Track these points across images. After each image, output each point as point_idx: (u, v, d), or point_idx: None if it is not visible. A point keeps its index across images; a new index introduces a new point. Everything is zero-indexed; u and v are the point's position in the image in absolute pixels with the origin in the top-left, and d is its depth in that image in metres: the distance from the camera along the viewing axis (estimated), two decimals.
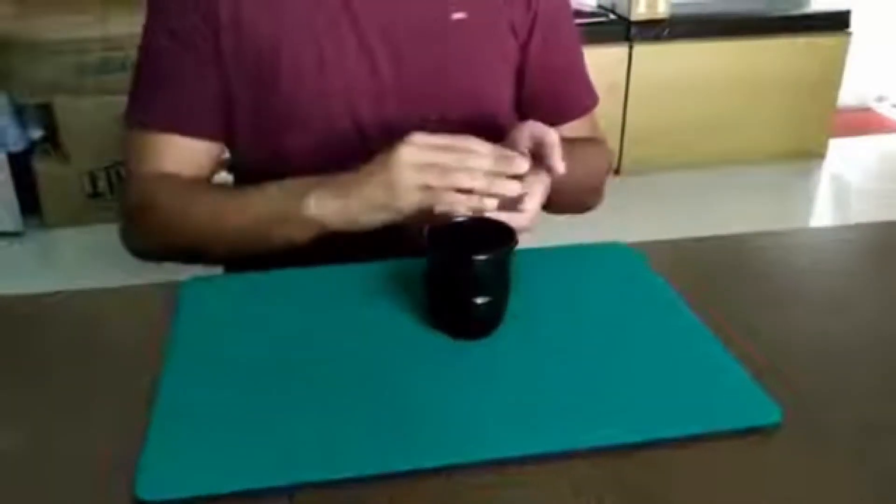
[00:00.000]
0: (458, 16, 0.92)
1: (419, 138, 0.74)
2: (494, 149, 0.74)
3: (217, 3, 0.87)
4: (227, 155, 1.00)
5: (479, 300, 0.68)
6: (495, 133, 0.99)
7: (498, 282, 0.69)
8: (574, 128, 1.03)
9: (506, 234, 0.69)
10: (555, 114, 1.02)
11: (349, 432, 0.59)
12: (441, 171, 0.72)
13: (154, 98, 0.92)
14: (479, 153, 0.73)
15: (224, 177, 1.02)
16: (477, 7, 0.93)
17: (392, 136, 0.92)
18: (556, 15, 0.99)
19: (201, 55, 0.89)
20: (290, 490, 0.54)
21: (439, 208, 0.72)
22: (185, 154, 0.92)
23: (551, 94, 1.01)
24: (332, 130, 0.91)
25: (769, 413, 0.61)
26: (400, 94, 0.91)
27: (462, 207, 0.72)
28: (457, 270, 0.68)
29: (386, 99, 0.91)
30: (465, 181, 0.72)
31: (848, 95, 3.30)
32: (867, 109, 3.72)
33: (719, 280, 0.84)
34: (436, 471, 0.56)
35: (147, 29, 0.92)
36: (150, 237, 0.92)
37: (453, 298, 0.69)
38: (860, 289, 0.82)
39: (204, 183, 0.93)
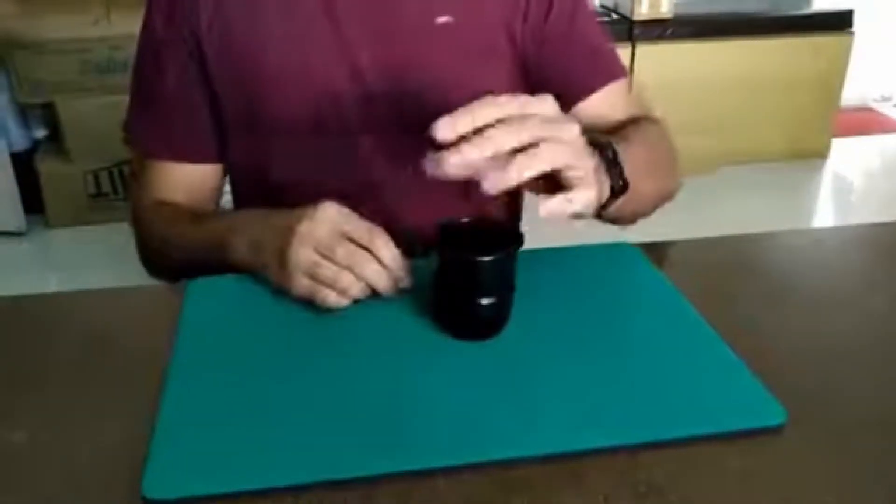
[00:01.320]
0: (442, 19, 0.90)
1: (330, 214, 0.72)
2: (395, 256, 0.72)
3: (198, 14, 0.88)
4: None
5: (484, 301, 0.68)
6: None
7: (502, 283, 0.69)
8: (613, 102, 0.97)
9: (511, 235, 0.69)
10: (582, 85, 0.97)
11: (355, 432, 0.59)
12: (329, 268, 0.70)
13: (148, 123, 0.95)
14: (378, 253, 0.71)
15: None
16: (462, 9, 0.91)
17: (383, 141, 0.92)
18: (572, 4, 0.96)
19: (188, 73, 0.91)
20: (296, 490, 0.54)
21: (317, 300, 0.71)
22: (183, 179, 0.95)
23: (574, 68, 0.97)
24: (321, 135, 0.91)
25: (774, 414, 0.61)
26: (386, 98, 0.90)
27: (334, 304, 0.71)
28: (460, 271, 0.68)
29: (372, 103, 0.90)
30: (347, 283, 0.70)
31: (850, 95, 3.29)
32: (870, 109, 3.72)
33: (722, 280, 0.84)
34: (442, 471, 0.56)
35: (139, 45, 0.94)
36: (150, 262, 0.96)
37: (457, 299, 0.69)
38: (864, 289, 0.82)
39: (187, 214, 0.93)
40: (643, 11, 2.87)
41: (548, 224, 0.65)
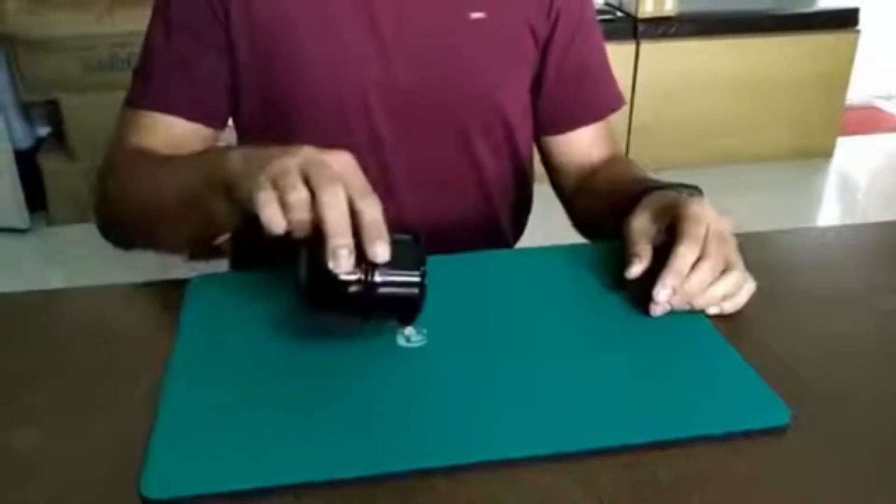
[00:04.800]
0: (476, 15, 0.91)
1: (341, 159, 0.62)
2: (375, 222, 0.59)
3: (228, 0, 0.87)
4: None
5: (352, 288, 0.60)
6: (507, 137, 0.99)
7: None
8: (594, 135, 1.01)
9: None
10: (576, 115, 1.01)
11: (357, 431, 0.58)
12: (291, 180, 0.59)
13: (156, 81, 0.90)
14: (360, 207, 0.59)
15: None
16: (496, 6, 0.92)
17: (405, 134, 0.92)
18: (579, 14, 0.98)
19: (211, 46, 0.89)
20: (297, 489, 0.54)
21: (261, 213, 0.59)
22: (176, 135, 0.89)
23: (573, 94, 1.00)
24: (344, 126, 0.91)
25: (778, 414, 0.60)
26: (415, 92, 0.91)
27: (268, 220, 0.59)
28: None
29: (400, 97, 0.91)
30: (297, 202, 0.59)
31: (856, 94, 3.29)
32: (875, 108, 3.71)
33: None
34: (445, 471, 0.55)
35: (154, 20, 0.91)
36: (105, 205, 0.89)
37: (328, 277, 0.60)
38: (869, 288, 0.81)
39: (167, 156, 0.84)
40: (647, 9, 2.86)
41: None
